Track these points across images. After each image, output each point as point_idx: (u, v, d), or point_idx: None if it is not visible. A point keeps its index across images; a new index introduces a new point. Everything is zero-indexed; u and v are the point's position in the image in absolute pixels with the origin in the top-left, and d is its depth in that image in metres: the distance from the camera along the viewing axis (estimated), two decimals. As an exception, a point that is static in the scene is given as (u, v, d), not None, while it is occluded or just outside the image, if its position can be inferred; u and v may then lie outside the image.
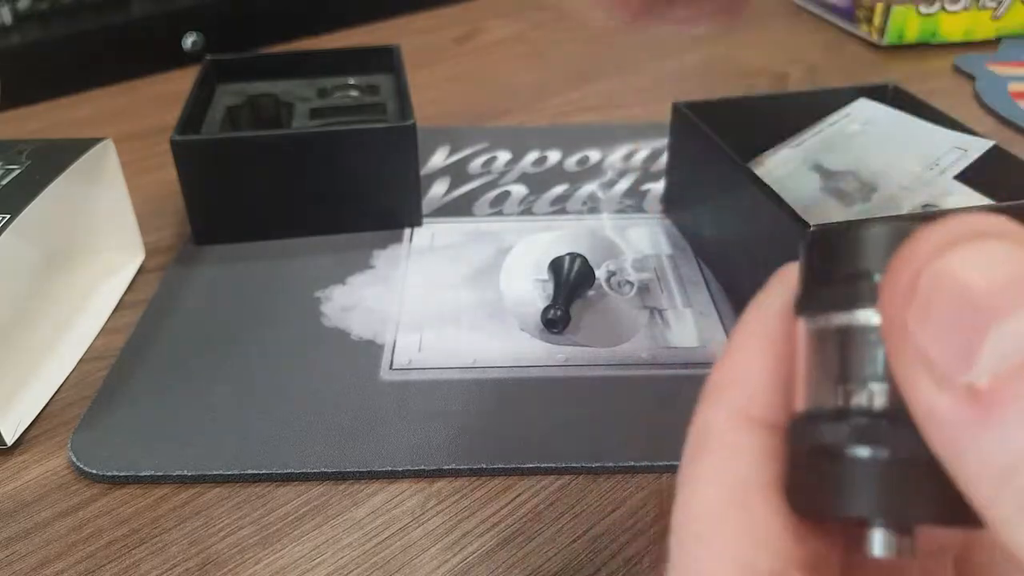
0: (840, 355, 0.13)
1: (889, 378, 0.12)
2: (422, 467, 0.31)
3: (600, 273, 0.42)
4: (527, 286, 0.41)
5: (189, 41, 0.72)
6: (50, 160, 0.38)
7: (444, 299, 0.41)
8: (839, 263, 0.13)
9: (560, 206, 0.48)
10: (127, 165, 0.43)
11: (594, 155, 0.54)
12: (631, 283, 0.41)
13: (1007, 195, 0.39)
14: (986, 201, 0.40)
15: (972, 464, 0.10)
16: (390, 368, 0.36)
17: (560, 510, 0.30)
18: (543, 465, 0.31)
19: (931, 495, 0.12)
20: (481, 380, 0.35)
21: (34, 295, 0.39)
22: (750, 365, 0.14)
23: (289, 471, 0.31)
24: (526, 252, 0.44)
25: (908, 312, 0.11)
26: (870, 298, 0.12)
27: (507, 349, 0.37)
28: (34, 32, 0.68)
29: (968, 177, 0.41)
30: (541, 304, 0.40)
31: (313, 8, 0.78)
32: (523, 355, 0.37)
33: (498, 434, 0.33)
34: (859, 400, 0.12)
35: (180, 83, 0.55)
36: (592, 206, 0.48)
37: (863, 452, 0.12)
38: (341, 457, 0.32)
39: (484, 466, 0.31)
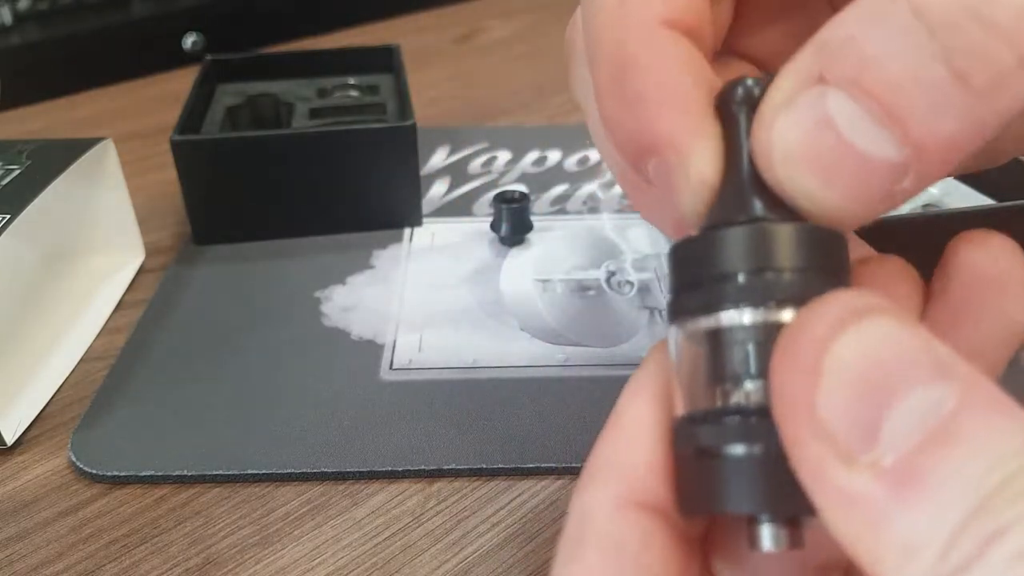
0: (710, 357, 0.13)
1: (759, 375, 0.12)
2: (422, 467, 0.31)
3: (600, 273, 0.42)
4: (527, 286, 0.41)
5: (189, 41, 0.72)
6: (50, 160, 0.38)
7: (444, 299, 0.41)
8: (700, 268, 0.13)
9: (560, 206, 0.48)
10: (127, 165, 0.43)
11: (594, 155, 0.54)
12: (631, 283, 0.41)
13: (1007, 195, 0.39)
14: (986, 201, 0.40)
15: (873, 544, 0.10)
16: (390, 368, 0.36)
17: (560, 510, 0.30)
18: (543, 465, 0.31)
19: None
20: (481, 380, 0.35)
21: (34, 295, 0.39)
22: (631, 446, 0.14)
23: (289, 471, 0.31)
24: (526, 252, 0.44)
25: (815, 394, 0.11)
26: (733, 299, 0.13)
27: (507, 349, 0.37)
28: (34, 32, 0.68)
29: (968, 177, 0.41)
30: (541, 304, 0.40)
31: (313, 8, 0.78)
32: (523, 355, 0.37)
33: (498, 434, 0.33)
34: (732, 399, 0.13)
35: (180, 83, 0.55)
36: (592, 206, 0.48)
37: (739, 450, 0.12)
38: (341, 457, 0.32)
39: (484, 466, 0.31)
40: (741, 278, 0.13)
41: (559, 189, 0.50)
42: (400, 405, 0.34)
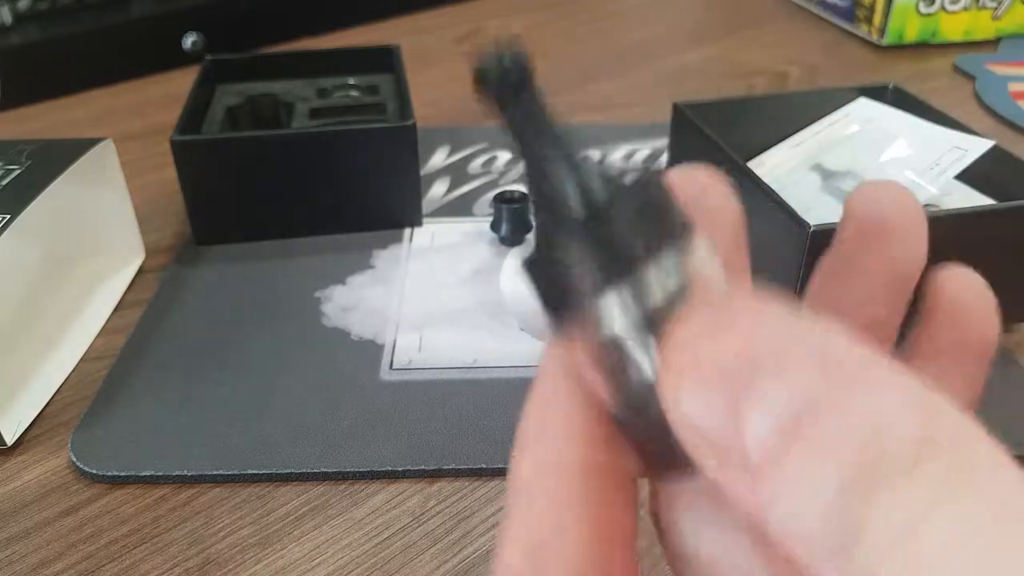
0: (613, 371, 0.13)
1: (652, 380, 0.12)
2: (422, 467, 0.31)
3: (600, 273, 0.42)
4: (527, 286, 0.41)
5: (189, 41, 0.72)
6: (50, 160, 0.38)
7: (444, 299, 0.41)
8: (561, 283, 0.13)
9: (560, 206, 0.48)
10: (127, 165, 0.43)
11: (594, 155, 0.54)
12: (631, 283, 0.41)
13: (1007, 195, 0.39)
14: (986, 201, 0.40)
15: (771, 523, 0.11)
16: (390, 368, 0.36)
17: (560, 510, 0.30)
18: (543, 465, 0.31)
19: None
20: (481, 380, 0.35)
21: (34, 295, 0.39)
22: (555, 408, 0.15)
23: (289, 471, 0.31)
24: (526, 252, 0.44)
25: (679, 395, 0.11)
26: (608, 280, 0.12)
27: (507, 349, 0.37)
28: (34, 32, 0.68)
29: (968, 177, 0.41)
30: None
31: (313, 8, 0.78)
32: (523, 355, 0.37)
33: (498, 434, 0.33)
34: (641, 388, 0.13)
35: (180, 83, 0.55)
36: (592, 206, 0.48)
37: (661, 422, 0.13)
38: (341, 457, 0.32)
39: (484, 466, 0.31)
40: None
41: (559, 189, 0.50)
42: (400, 405, 0.34)
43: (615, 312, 0.12)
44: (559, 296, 0.13)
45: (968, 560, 0.09)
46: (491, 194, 0.49)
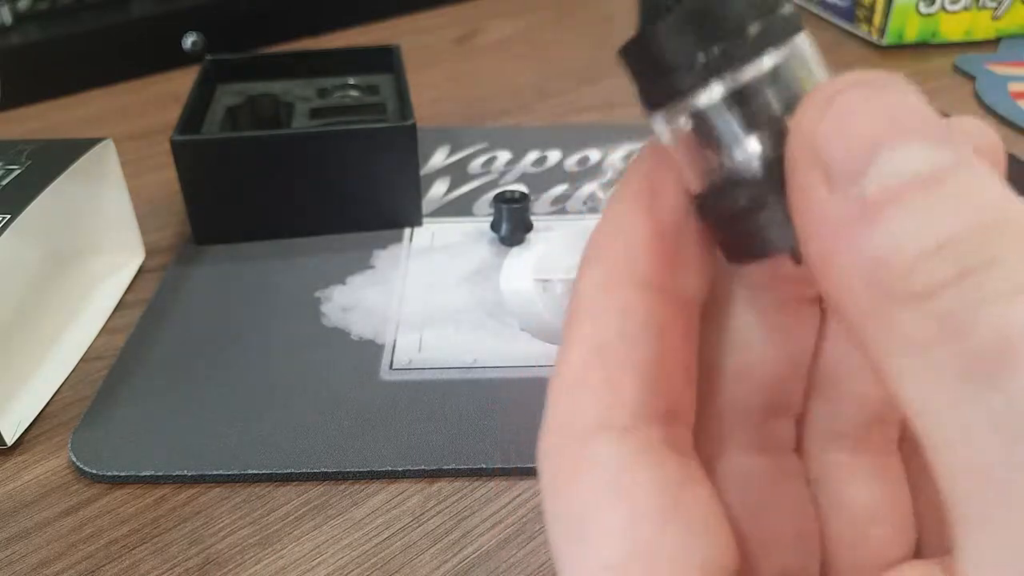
0: (709, 131, 0.13)
1: (761, 132, 0.13)
2: (422, 467, 0.31)
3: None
4: (527, 286, 0.41)
5: (189, 41, 0.72)
6: (50, 160, 0.38)
7: (444, 299, 0.41)
8: (667, 56, 0.13)
9: (560, 206, 0.48)
10: (127, 165, 0.43)
11: (594, 155, 0.54)
12: (631, 283, 0.41)
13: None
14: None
15: (843, 263, 0.11)
16: (390, 368, 0.36)
17: (560, 510, 0.30)
18: (543, 465, 0.31)
19: None
20: (481, 380, 0.35)
21: (34, 295, 0.39)
22: (621, 232, 0.14)
23: (289, 471, 0.31)
24: (526, 252, 0.44)
25: (820, 124, 0.11)
26: (712, 70, 0.13)
27: (507, 349, 0.37)
28: (34, 32, 0.68)
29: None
30: (541, 304, 0.40)
31: (313, 8, 0.78)
32: (523, 355, 0.37)
33: (498, 434, 0.33)
34: (746, 161, 0.13)
35: (180, 83, 0.55)
36: (592, 206, 0.48)
37: (767, 199, 0.13)
38: (341, 457, 0.32)
39: (484, 466, 0.31)
40: (716, 50, 0.13)
41: (559, 189, 0.50)
42: (400, 405, 0.34)
43: (716, 84, 0.13)
44: (658, 75, 0.13)
45: None
46: (491, 194, 0.49)
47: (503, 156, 0.54)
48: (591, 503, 0.13)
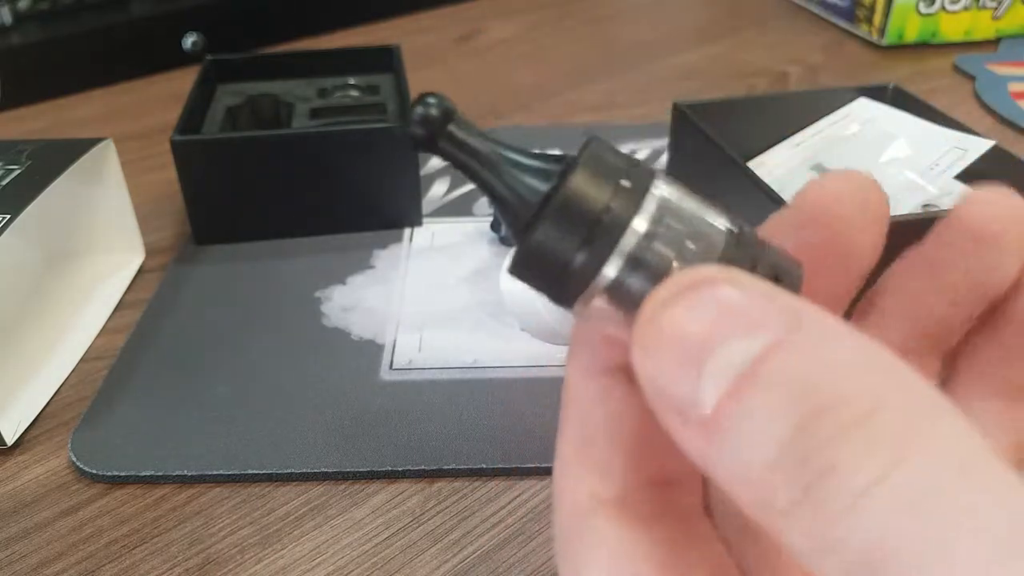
0: (619, 300, 0.14)
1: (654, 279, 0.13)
2: (422, 467, 0.31)
3: (600, 273, 0.42)
4: (527, 286, 0.41)
5: (189, 41, 0.72)
6: (50, 160, 0.38)
7: (444, 299, 0.41)
8: (555, 263, 0.14)
9: (560, 206, 0.48)
10: (127, 165, 0.43)
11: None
12: (631, 283, 0.41)
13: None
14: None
15: (722, 479, 0.11)
16: (390, 368, 0.36)
17: (560, 510, 0.30)
18: (543, 465, 0.31)
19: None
20: (481, 380, 0.35)
21: (34, 295, 0.39)
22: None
23: (289, 471, 0.31)
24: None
25: (646, 359, 0.12)
26: (596, 259, 0.13)
27: (507, 349, 0.37)
28: (34, 32, 0.68)
29: (968, 177, 0.41)
30: (541, 304, 0.40)
31: (313, 8, 0.78)
32: (523, 355, 0.37)
33: (498, 434, 0.33)
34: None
35: (180, 83, 0.55)
36: (592, 206, 0.48)
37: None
38: (341, 457, 0.32)
39: (484, 466, 0.31)
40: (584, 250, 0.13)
41: (559, 189, 0.50)
42: (400, 405, 0.34)
43: (608, 266, 0.13)
44: (553, 278, 0.14)
45: (927, 514, 0.09)
46: (491, 194, 0.48)
47: (503, 156, 0.54)
48: (595, 573, 0.14)
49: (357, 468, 0.31)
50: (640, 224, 0.13)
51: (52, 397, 0.35)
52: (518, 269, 0.14)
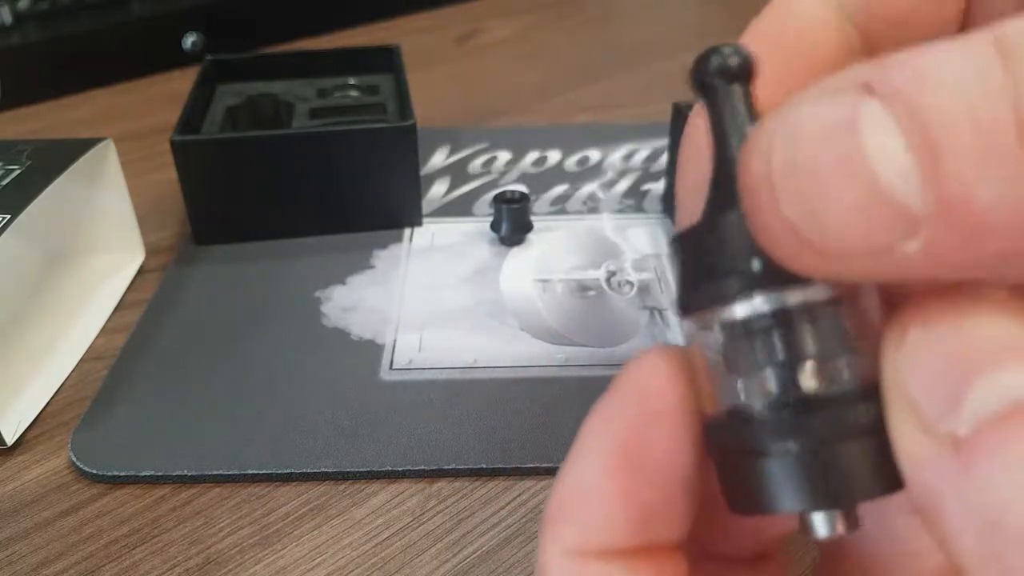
0: (732, 351, 0.12)
1: (784, 364, 0.12)
2: (422, 467, 0.31)
3: (600, 273, 0.42)
4: (527, 286, 0.41)
5: (189, 41, 0.72)
6: (50, 160, 0.38)
7: (444, 299, 0.41)
8: (711, 256, 0.12)
9: (560, 206, 0.48)
10: (127, 165, 0.43)
11: (594, 155, 0.54)
12: (631, 283, 0.41)
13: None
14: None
15: (952, 514, 0.10)
16: (390, 368, 0.36)
17: (560, 510, 0.30)
18: (543, 465, 0.31)
19: (856, 473, 0.11)
20: (481, 380, 0.35)
21: (34, 295, 0.39)
22: (586, 488, 0.13)
23: (289, 471, 0.31)
24: (526, 252, 0.44)
25: (899, 359, 0.11)
26: (746, 288, 0.12)
27: (507, 349, 0.37)
28: (34, 32, 0.68)
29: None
30: (541, 304, 0.40)
31: (313, 8, 0.78)
32: (523, 355, 0.37)
33: (498, 434, 0.33)
34: (765, 394, 0.12)
35: (180, 83, 0.55)
36: (592, 206, 0.48)
37: (778, 447, 0.12)
38: (341, 457, 0.32)
39: (484, 466, 0.31)
40: (756, 265, 0.12)
41: (559, 189, 0.50)
42: (400, 405, 0.34)
43: (764, 295, 0.12)
44: (703, 273, 0.12)
45: None
46: (491, 194, 0.49)
47: (503, 156, 0.54)
48: None
49: (357, 468, 0.31)
50: (818, 293, 0.12)
51: (52, 397, 0.35)
52: (689, 235, 0.13)
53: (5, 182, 0.36)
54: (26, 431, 0.34)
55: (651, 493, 0.13)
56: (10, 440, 0.33)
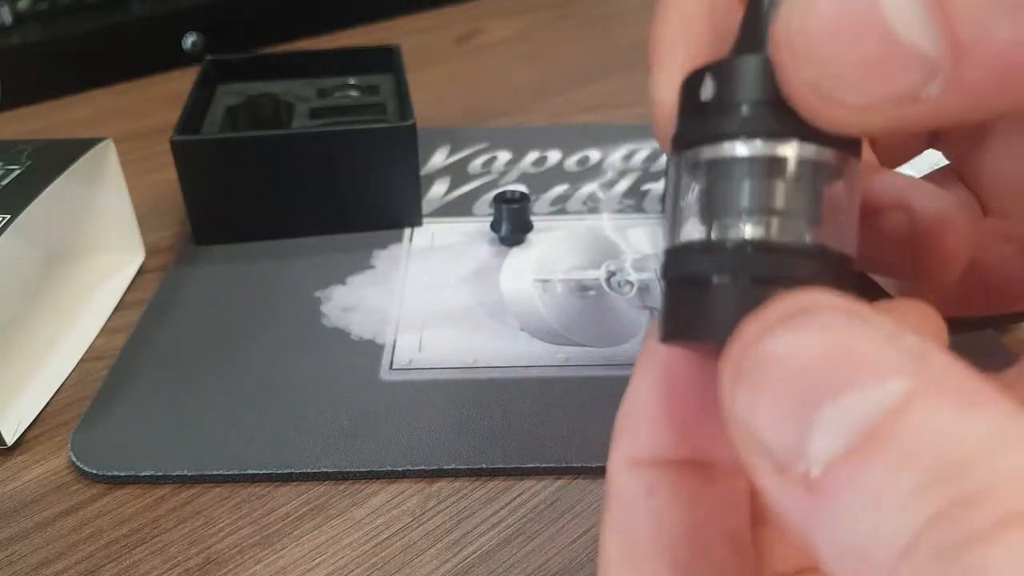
0: (706, 189, 0.13)
1: (754, 209, 0.12)
2: (422, 467, 0.31)
3: (600, 273, 0.42)
4: (527, 286, 0.41)
5: (189, 41, 0.72)
6: (50, 160, 0.38)
7: (444, 299, 0.41)
8: (707, 97, 0.13)
9: (560, 206, 0.48)
10: (127, 165, 0.43)
11: (594, 155, 0.54)
12: (631, 283, 0.41)
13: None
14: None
15: (823, 547, 0.10)
16: (390, 368, 0.36)
17: (560, 510, 0.30)
18: (543, 465, 0.31)
19: None
20: (481, 380, 0.35)
21: (34, 295, 0.39)
22: (639, 404, 0.14)
23: (289, 471, 0.31)
24: (526, 252, 0.44)
25: (737, 398, 0.10)
26: (736, 130, 0.12)
27: (507, 349, 0.37)
28: (34, 32, 0.68)
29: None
30: (541, 304, 0.40)
31: (313, 8, 0.78)
32: (523, 355, 0.37)
33: (498, 434, 0.33)
34: (722, 232, 0.13)
35: (180, 83, 0.55)
36: (592, 206, 0.48)
37: (725, 279, 0.12)
38: (341, 457, 0.32)
39: (484, 466, 0.31)
40: (744, 109, 0.12)
41: (559, 189, 0.50)
42: (400, 405, 0.34)
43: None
44: (706, 109, 0.13)
45: None
46: (491, 194, 0.49)
47: (503, 156, 0.54)
48: None
49: (357, 468, 0.31)
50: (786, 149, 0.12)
51: (52, 397, 0.35)
52: (702, 72, 0.13)
53: (5, 182, 0.36)
54: (26, 431, 0.34)
55: (688, 410, 0.14)
56: (10, 440, 0.33)
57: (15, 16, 0.68)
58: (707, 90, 0.13)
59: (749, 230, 0.12)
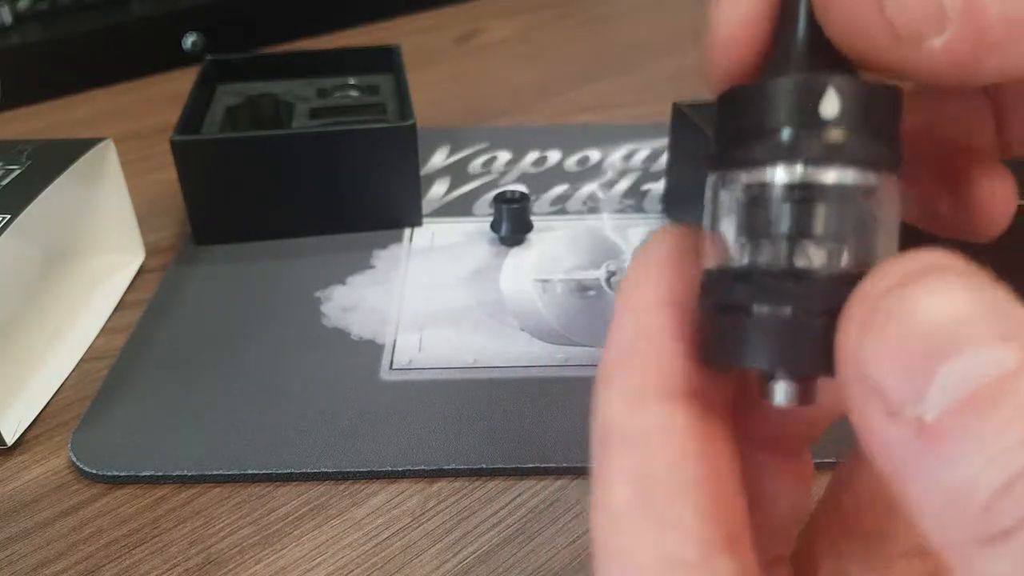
0: (747, 213, 0.13)
1: (791, 237, 0.12)
2: (422, 467, 0.31)
3: (600, 273, 0.42)
4: (527, 286, 0.41)
5: (189, 41, 0.72)
6: (50, 160, 0.38)
7: (444, 299, 0.41)
8: (748, 119, 0.13)
9: (560, 206, 0.48)
10: (127, 165, 0.43)
11: (594, 155, 0.54)
12: (631, 283, 0.41)
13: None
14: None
15: (918, 493, 0.10)
16: (390, 368, 0.36)
17: (560, 510, 0.30)
18: (543, 465, 0.31)
19: (822, 348, 0.12)
20: (481, 380, 0.35)
21: (34, 295, 0.39)
22: (642, 331, 0.14)
23: (289, 471, 0.31)
24: (526, 252, 0.44)
25: (863, 344, 0.11)
26: (777, 155, 0.12)
27: (507, 349, 0.37)
28: (34, 32, 0.68)
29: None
30: (541, 304, 0.40)
31: (313, 8, 0.78)
32: (523, 355, 0.37)
33: (498, 434, 0.33)
34: (764, 258, 0.13)
35: (180, 83, 0.55)
36: (592, 206, 0.48)
37: (765, 309, 0.12)
38: (341, 457, 0.32)
39: (484, 466, 0.31)
40: (786, 133, 0.12)
41: (559, 189, 0.50)
42: (400, 405, 0.34)
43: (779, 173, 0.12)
44: (744, 132, 0.13)
45: None
46: (491, 194, 0.49)
47: (503, 156, 0.54)
48: None
49: (357, 468, 0.31)
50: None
51: (52, 397, 0.35)
52: (739, 93, 0.13)
53: (5, 182, 0.36)
54: (26, 431, 0.34)
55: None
56: (10, 440, 0.33)
57: (15, 16, 0.68)
58: (746, 109, 0.13)
59: (791, 257, 0.12)
